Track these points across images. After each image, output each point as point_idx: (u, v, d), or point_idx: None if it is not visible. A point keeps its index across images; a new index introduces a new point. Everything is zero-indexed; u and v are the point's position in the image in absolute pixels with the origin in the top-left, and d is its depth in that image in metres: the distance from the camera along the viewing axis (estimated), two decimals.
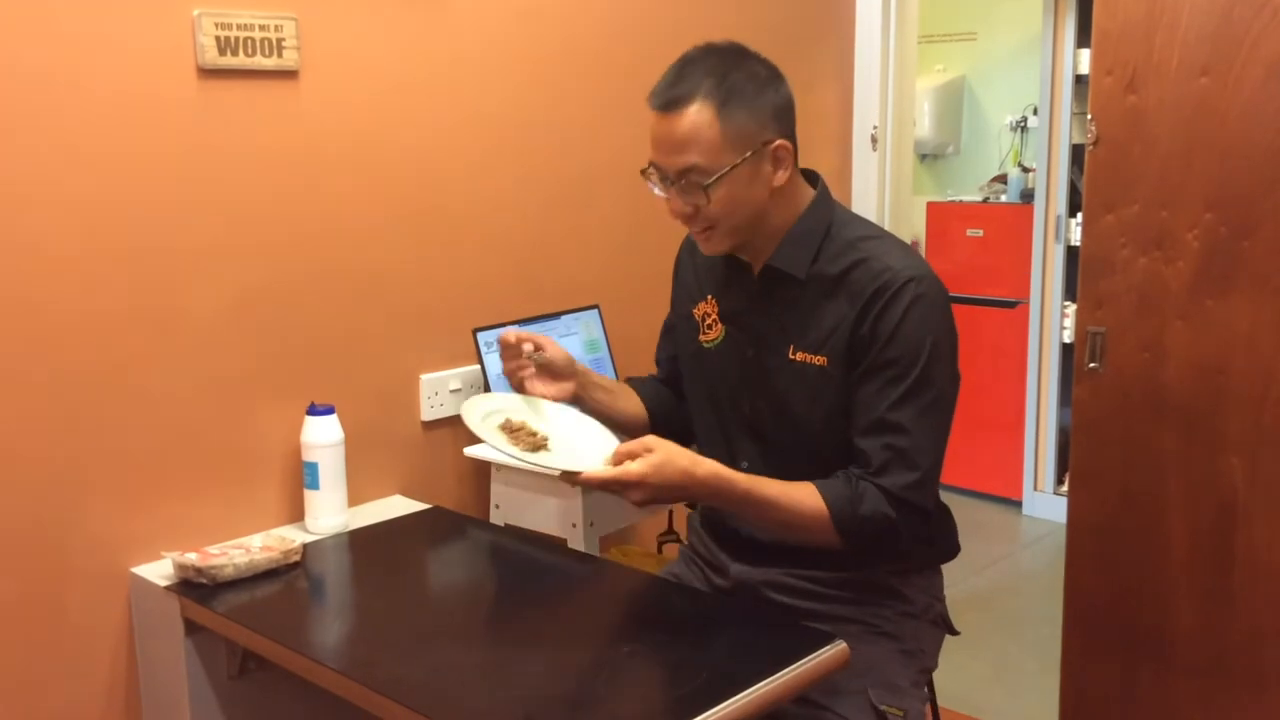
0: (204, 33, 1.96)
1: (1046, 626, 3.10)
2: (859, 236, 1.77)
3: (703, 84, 1.66)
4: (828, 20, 3.35)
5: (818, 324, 1.74)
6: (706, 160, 1.66)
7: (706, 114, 1.65)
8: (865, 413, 1.69)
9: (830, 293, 1.74)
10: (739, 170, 1.68)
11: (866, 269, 1.72)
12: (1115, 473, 2.44)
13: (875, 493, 1.66)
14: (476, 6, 2.40)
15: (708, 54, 1.71)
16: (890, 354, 1.68)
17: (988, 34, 5.18)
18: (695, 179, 1.68)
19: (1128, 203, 2.36)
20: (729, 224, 1.73)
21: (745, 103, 1.67)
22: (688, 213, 1.73)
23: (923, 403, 1.68)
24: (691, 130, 1.66)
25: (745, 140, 1.68)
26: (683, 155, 1.67)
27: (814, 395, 1.73)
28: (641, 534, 2.84)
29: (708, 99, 1.65)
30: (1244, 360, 2.24)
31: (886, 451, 1.67)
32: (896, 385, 1.68)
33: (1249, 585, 2.29)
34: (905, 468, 1.67)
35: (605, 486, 1.62)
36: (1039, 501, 4.58)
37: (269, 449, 2.15)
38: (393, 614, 1.80)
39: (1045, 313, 4.48)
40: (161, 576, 1.92)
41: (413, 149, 2.32)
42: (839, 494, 1.67)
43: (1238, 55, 2.19)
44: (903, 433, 1.67)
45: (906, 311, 1.68)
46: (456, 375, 2.44)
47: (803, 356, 1.76)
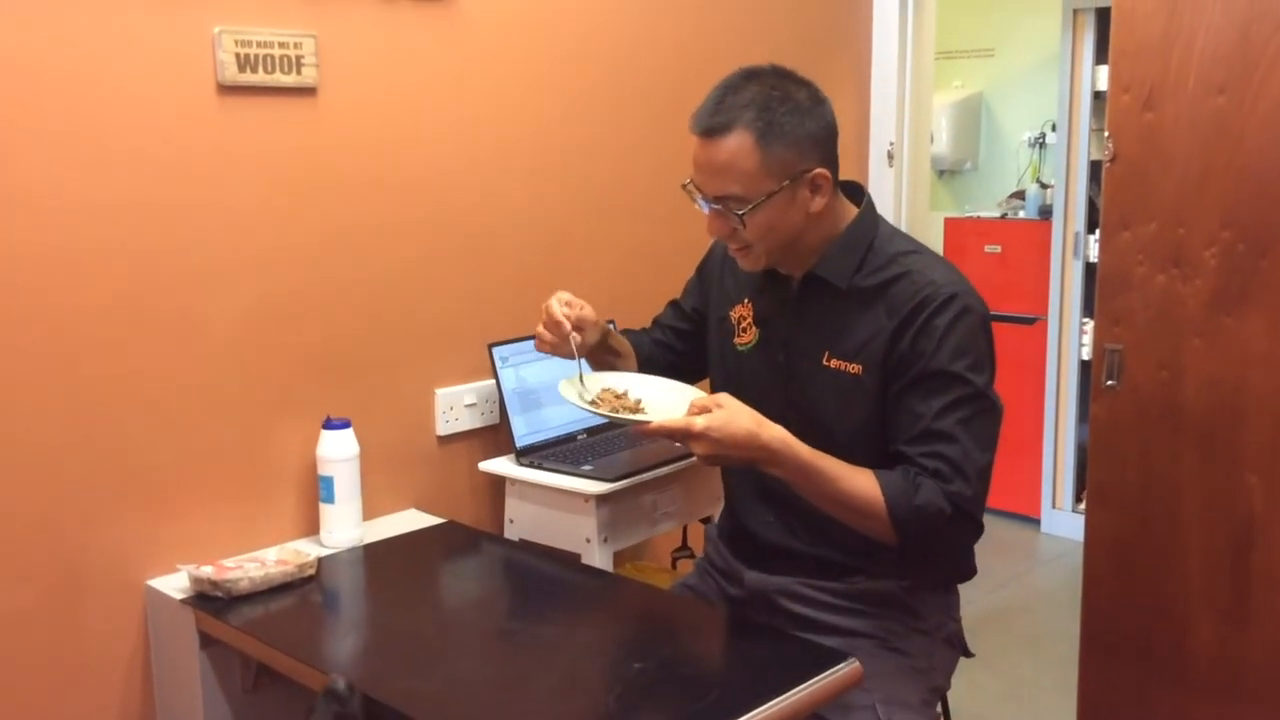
0: (224, 50, 1.98)
1: (1063, 645, 3.08)
2: (901, 251, 1.79)
3: (744, 114, 1.67)
4: (844, 36, 3.36)
5: (854, 333, 1.76)
6: (744, 188, 1.69)
7: (746, 143, 1.67)
8: (912, 424, 1.69)
9: (868, 303, 1.75)
10: (776, 198, 1.70)
11: (909, 282, 1.73)
12: (1133, 491, 2.43)
13: (932, 486, 1.65)
14: (494, 25, 2.41)
15: (749, 81, 1.72)
16: (936, 365, 1.68)
17: (1006, 50, 5.18)
18: (733, 205, 1.70)
19: (1145, 220, 2.35)
20: (764, 247, 1.76)
21: (785, 132, 1.68)
22: (726, 233, 1.76)
23: (970, 412, 1.68)
24: (731, 158, 1.68)
25: (784, 169, 1.69)
26: (721, 182, 1.70)
27: (846, 403, 1.73)
28: (656, 550, 2.84)
29: (748, 128, 1.67)
30: (1261, 378, 2.23)
31: (936, 460, 1.66)
32: (943, 395, 1.68)
33: (1267, 604, 2.27)
34: (958, 475, 1.66)
35: (671, 436, 1.65)
36: (1057, 519, 4.55)
37: (285, 462, 2.16)
38: (406, 628, 1.81)
39: (1064, 329, 4.46)
40: (177, 589, 1.93)
41: (429, 165, 2.33)
42: (896, 482, 1.66)
43: (1255, 74, 2.18)
44: (953, 442, 1.66)
45: (951, 325, 1.69)
46: (472, 390, 2.45)
47: (837, 364, 1.76)
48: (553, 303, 1.89)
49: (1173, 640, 2.40)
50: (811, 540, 1.84)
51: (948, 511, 1.64)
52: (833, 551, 1.82)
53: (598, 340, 1.95)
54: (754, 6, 3.02)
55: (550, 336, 1.90)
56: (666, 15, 2.78)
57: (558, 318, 1.88)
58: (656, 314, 2.16)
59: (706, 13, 2.87)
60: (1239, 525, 2.29)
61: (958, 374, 1.68)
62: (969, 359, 1.69)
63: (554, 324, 1.88)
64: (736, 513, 1.96)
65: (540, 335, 1.92)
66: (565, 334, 1.87)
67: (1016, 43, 5.12)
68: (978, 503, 1.68)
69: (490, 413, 2.49)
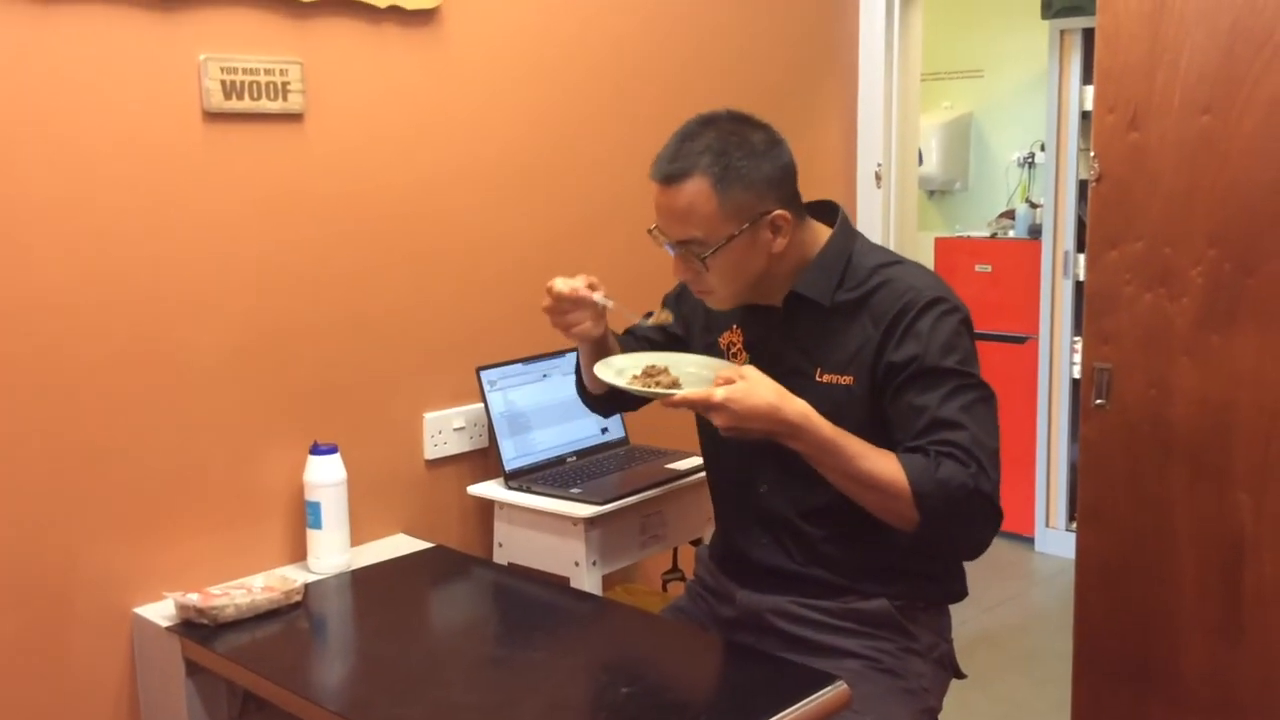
0: (209, 77, 1.98)
1: (1058, 665, 3.07)
2: (881, 263, 1.81)
3: (700, 159, 1.70)
4: (830, 60, 3.37)
5: (842, 345, 1.77)
6: (705, 233, 1.72)
7: (704, 188, 1.70)
8: (916, 418, 1.69)
9: (853, 315, 1.77)
10: (737, 241, 1.72)
11: (890, 290, 1.75)
12: (1124, 510, 2.43)
13: (953, 464, 1.64)
14: (480, 49, 2.42)
15: (705, 128, 1.74)
16: (928, 363, 1.69)
17: (994, 71, 5.21)
18: (695, 249, 1.73)
19: (1132, 239, 2.35)
20: (728, 289, 1.78)
21: (741, 176, 1.71)
22: (689, 277, 1.79)
23: (971, 399, 1.69)
24: (690, 204, 1.71)
25: (743, 212, 1.72)
26: (682, 227, 1.73)
27: (839, 415, 1.73)
28: (646, 572, 2.83)
29: (705, 174, 1.70)
30: (1250, 396, 2.23)
31: (949, 446, 1.65)
32: (941, 387, 1.68)
33: (1259, 623, 2.26)
34: (973, 459, 1.64)
35: (693, 406, 1.66)
36: (1051, 538, 4.54)
37: (272, 488, 2.15)
38: (394, 655, 1.80)
39: (1055, 348, 4.47)
40: (163, 617, 1.92)
41: (417, 190, 2.33)
42: (918, 461, 1.65)
43: (1239, 93, 2.19)
44: (961, 428, 1.66)
45: (935, 325, 1.71)
46: (460, 413, 2.44)
47: (829, 378, 1.78)
48: (557, 286, 1.86)
49: (1166, 659, 2.39)
50: (805, 560, 1.83)
51: (970, 485, 1.63)
52: (826, 572, 1.82)
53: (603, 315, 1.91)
54: (740, 30, 3.03)
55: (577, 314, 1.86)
56: (654, 38, 2.79)
57: (573, 294, 1.84)
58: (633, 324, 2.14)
59: (694, 36, 2.88)
60: (1230, 543, 2.28)
61: (951, 368, 1.69)
62: (959, 354, 1.71)
63: (573, 300, 1.85)
64: (729, 534, 1.96)
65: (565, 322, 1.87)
66: (589, 298, 1.85)
67: (1005, 64, 5.15)
68: (995, 487, 1.67)
69: (479, 436, 2.48)
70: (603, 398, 2.09)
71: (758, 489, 1.86)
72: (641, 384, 1.76)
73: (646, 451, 2.60)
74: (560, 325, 1.89)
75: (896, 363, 1.71)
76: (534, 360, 2.51)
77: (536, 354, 2.51)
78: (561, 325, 1.89)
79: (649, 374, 1.79)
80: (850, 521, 1.74)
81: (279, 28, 2.08)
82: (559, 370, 2.53)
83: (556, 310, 1.88)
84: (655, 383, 1.76)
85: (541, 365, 2.52)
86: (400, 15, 2.25)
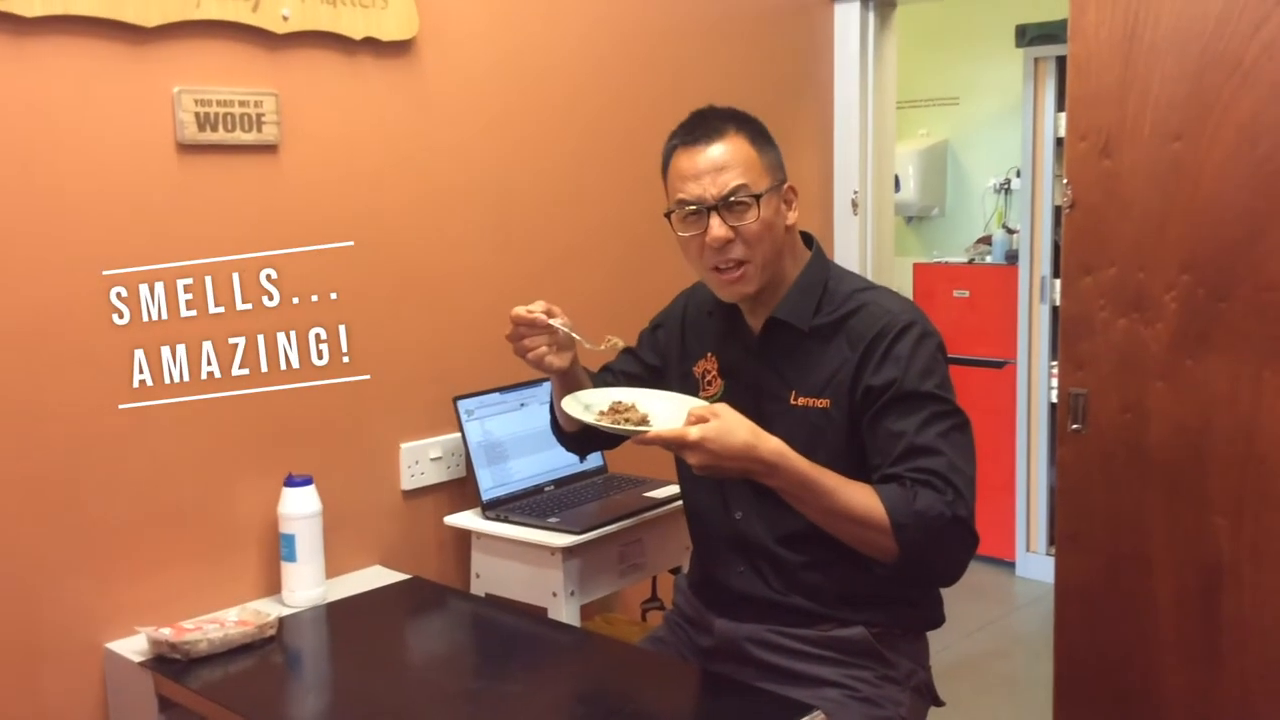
0: (184, 109, 1.98)
1: (1039, 690, 3.07)
2: (856, 289, 1.84)
3: (731, 123, 1.80)
4: (807, 88, 3.39)
5: (819, 369, 1.78)
6: (750, 180, 1.77)
7: (742, 141, 1.79)
8: (893, 444, 1.69)
9: (829, 339, 1.79)
10: (772, 195, 1.79)
11: (866, 314, 1.78)
12: (1101, 534, 2.43)
13: (930, 493, 1.65)
14: (456, 80, 2.42)
15: (722, 109, 1.85)
16: (906, 388, 1.70)
17: (969, 99, 5.24)
18: (742, 195, 1.76)
19: (1105, 265, 2.37)
20: (760, 256, 1.79)
21: (768, 139, 1.82)
22: (729, 238, 1.77)
23: (947, 426, 1.70)
24: (732, 154, 1.78)
25: (773, 171, 1.81)
26: (727, 176, 1.77)
27: (815, 439, 1.74)
28: (625, 602, 2.82)
29: (740, 131, 1.79)
30: (1225, 420, 2.24)
31: (925, 473, 1.66)
32: (918, 413, 1.70)
33: (1238, 647, 2.27)
34: (949, 486, 1.65)
35: (667, 445, 1.66)
36: (1032, 563, 4.55)
37: (245, 521, 2.13)
38: (370, 688, 1.78)
39: (1033, 373, 4.48)
40: (135, 652, 1.90)
41: (392, 220, 2.33)
42: (894, 492, 1.66)
43: (1209, 119, 2.21)
44: (938, 454, 1.67)
45: (914, 350, 1.73)
46: (437, 443, 2.43)
47: (805, 401, 1.79)
48: (517, 310, 1.88)
49: (1146, 683, 2.39)
50: (783, 588, 1.83)
51: (948, 515, 1.64)
52: (804, 599, 1.82)
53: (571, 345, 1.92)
54: (716, 59, 3.05)
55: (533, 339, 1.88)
56: (631, 68, 2.80)
57: (529, 317, 1.86)
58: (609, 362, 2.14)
59: (671, 64, 2.90)
60: (1207, 568, 2.29)
61: (929, 392, 1.70)
62: (936, 378, 1.72)
63: (529, 323, 1.87)
64: (706, 563, 1.95)
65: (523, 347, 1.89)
66: (544, 322, 1.87)
67: (980, 91, 5.19)
68: (971, 512, 1.68)
69: (456, 466, 2.47)
70: (577, 436, 2.08)
71: (734, 516, 1.86)
72: (610, 420, 1.76)
73: (624, 480, 2.59)
74: (520, 352, 1.90)
75: (875, 386, 1.72)
76: (511, 389, 2.50)
77: (514, 383, 2.50)
78: (520, 352, 1.90)
79: (616, 410, 1.79)
80: (827, 548, 1.74)
81: (254, 59, 2.08)
82: (536, 399, 2.53)
83: (515, 336, 1.89)
84: (624, 419, 1.76)
85: (519, 394, 2.52)
86: (376, 46, 2.25)
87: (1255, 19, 2.14)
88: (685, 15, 2.96)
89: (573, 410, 1.80)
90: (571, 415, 1.80)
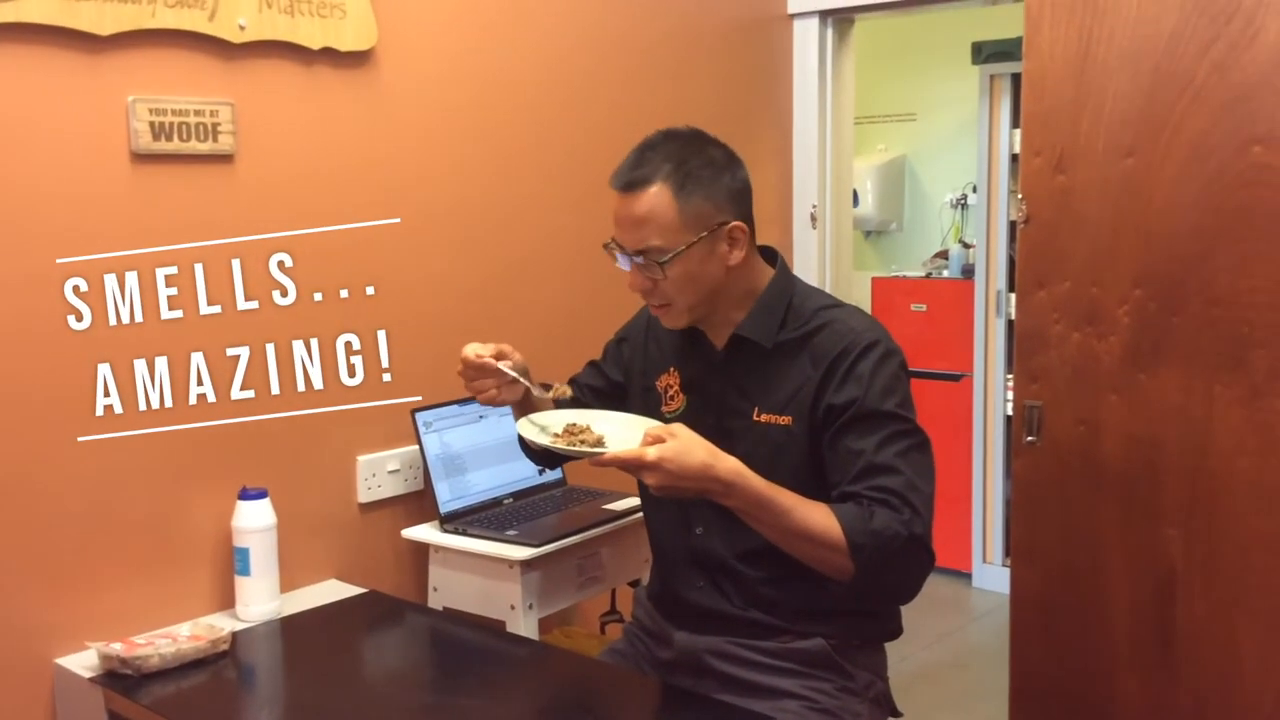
0: (138, 118, 1.96)
1: (995, 701, 3.08)
2: (821, 306, 1.84)
3: (662, 168, 1.74)
4: (766, 103, 3.42)
5: (781, 386, 1.78)
6: (663, 239, 1.73)
7: (664, 196, 1.73)
8: (852, 462, 1.70)
9: (793, 356, 1.79)
10: (694, 249, 1.74)
11: (831, 332, 1.77)
12: (1056, 546, 2.46)
13: (886, 512, 1.65)
14: (415, 91, 2.42)
15: (667, 140, 1.79)
16: (867, 407, 1.71)
17: (926, 115, 5.30)
18: (653, 256, 1.74)
19: (1059, 279, 2.40)
20: (685, 301, 1.78)
21: (701, 186, 1.74)
22: (647, 288, 1.78)
23: (906, 445, 1.70)
24: (649, 211, 1.73)
25: (701, 221, 1.74)
26: (641, 234, 1.74)
27: (777, 456, 1.74)
28: (584, 614, 2.81)
29: (666, 181, 1.73)
30: (1177, 432, 2.27)
31: (883, 492, 1.67)
32: (878, 432, 1.70)
33: (1190, 657, 2.29)
34: (906, 505, 1.66)
35: (624, 466, 1.63)
36: (988, 574, 4.58)
37: (198, 534, 2.11)
38: (325, 704, 1.77)
39: (989, 386, 4.53)
40: (86, 667, 1.88)
41: (348, 230, 2.31)
42: (850, 511, 1.66)
43: (1161, 137, 2.25)
44: (896, 474, 1.68)
45: (876, 368, 1.73)
46: (395, 456, 2.42)
47: (767, 418, 1.79)
48: (466, 352, 1.86)
49: (1101, 694, 2.41)
50: (742, 603, 1.83)
51: (904, 534, 1.64)
52: (763, 614, 1.82)
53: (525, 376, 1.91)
54: (679, 76, 3.07)
55: (482, 381, 1.86)
56: (592, 84, 2.81)
57: (478, 361, 1.84)
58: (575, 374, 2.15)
59: (632, 81, 2.91)
60: (1160, 579, 2.32)
61: (889, 411, 1.71)
62: (897, 398, 1.73)
63: (478, 368, 1.85)
64: (666, 576, 1.95)
65: (474, 388, 1.88)
66: (494, 368, 1.84)
67: (937, 107, 5.24)
68: (928, 531, 1.69)
69: (414, 479, 2.46)
70: (544, 451, 2.06)
71: (694, 531, 1.86)
72: (566, 442, 1.75)
73: (584, 492, 2.59)
74: (470, 391, 1.89)
75: (836, 405, 1.73)
76: (469, 401, 2.49)
77: None
78: (471, 391, 1.89)
79: (570, 432, 1.78)
80: (787, 563, 1.74)
81: (210, 69, 2.07)
82: (495, 411, 2.52)
83: (465, 375, 1.88)
84: (580, 440, 1.75)
85: (477, 406, 2.50)
86: (334, 56, 2.25)
87: (1206, 39, 2.17)
88: (645, 28, 2.97)
89: (528, 433, 1.79)
90: (527, 438, 1.79)
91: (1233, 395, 2.20)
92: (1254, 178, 2.14)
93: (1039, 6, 2.36)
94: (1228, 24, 2.15)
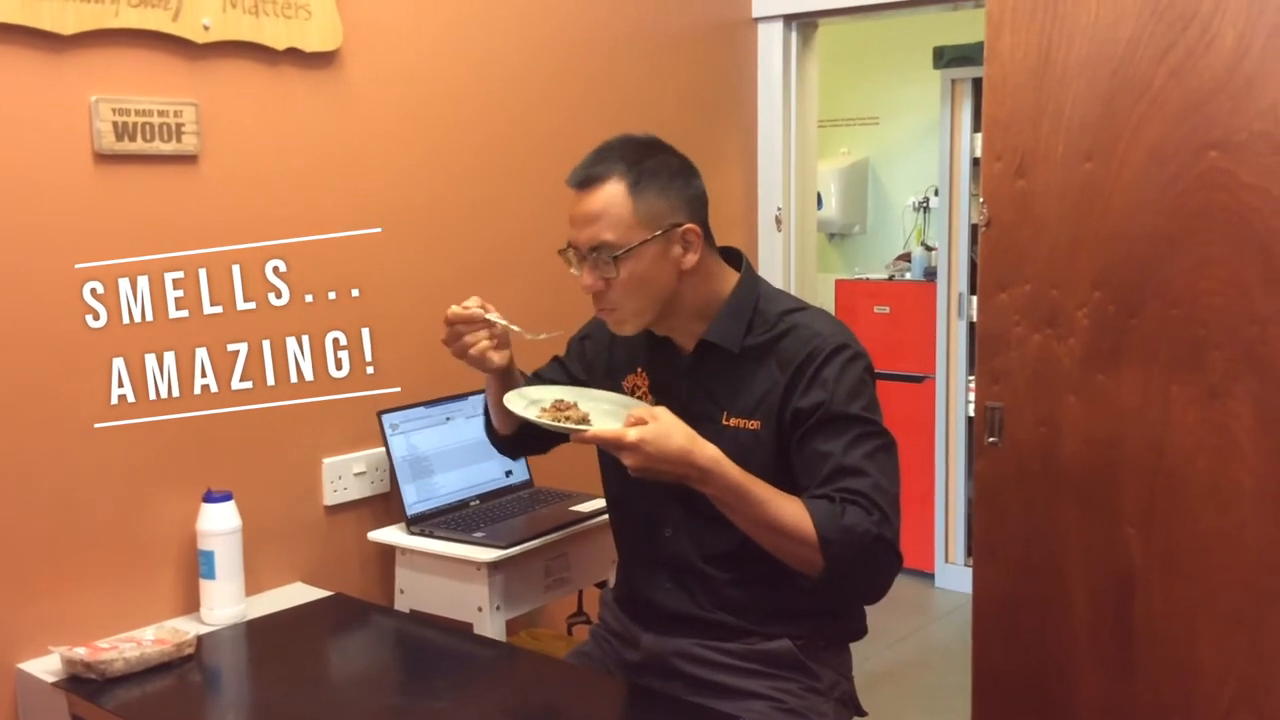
0: (101, 118, 1.95)
1: (959, 699, 3.11)
2: (787, 309, 1.84)
3: (617, 166, 1.75)
4: (730, 106, 3.43)
5: (749, 390, 1.79)
6: (616, 234, 1.74)
7: (618, 191, 1.74)
8: (820, 465, 1.71)
9: (760, 360, 1.79)
10: (647, 247, 1.74)
11: (796, 336, 1.78)
12: (1017, 546, 2.48)
13: (857, 510, 1.66)
14: (381, 92, 2.42)
15: (625, 142, 1.80)
16: (834, 410, 1.72)
17: (889, 118, 5.34)
18: (605, 252, 1.74)
19: (1020, 282, 2.43)
20: (632, 305, 1.78)
21: (657, 184, 1.76)
22: (599, 288, 1.78)
23: (873, 447, 1.72)
24: (604, 206, 1.74)
25: (655, 220, 1.75)
26: (594, 230, 1.75)
27: (745, 459, 1.74)
28: (551, 616, 2.81)
29: (620, 178, 1.75)
30: (1136, 433, 2.31)
31: (852, 494, 1.68)
32: (845, 434, 1.71)
33: (1149, 656, 2.33)
34: (875, 506, 1.67)
35: (605, 444, 1.65)
36: (951, 574, 4.63)
37: (163, 537, 2.10)
38: (290, 707, 1.76)
39: (951, 387, 4.57)
40: (49, 672, 1.86)
41: (314, 230, 2.31)
42: (822, 506, 1.67)
43: (1119, 142, 2.28)
44: (864, 475, 1.69)
45: (842, 372, 1.74)
46: (361, 458, 2.41)
47: (736, 422, 1.79)
48: (451, 310, 1.85)
49: (1062, 692, 2.44)
50: (709, 605, 1.84)
51: (874, 533, 1.66)
52: (729, 615, 1.83)
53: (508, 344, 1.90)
54: (645, 78, 3.07)
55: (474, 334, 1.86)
56: (557, 86, 2.82)
57: (466, 313, 1.84)
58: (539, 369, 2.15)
59: (597, 82, 2.92)
60: (1120, 578, 2.35)
61: (855, 414, 1.72)
62: (863, 400, 1.74)
63: (466, 320, 1.85)
64: (632, 578, 1.96)
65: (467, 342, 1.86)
66: (481, 316, 1.84)
67: (900, 111, 5.28)
68: (896, 533, 1.70)
69: (380, 481, 2.45)
70: (511, 438, 2.07)
71: (663, 533, 1.87)
72: (551, 417, 1.76)
73: (551, 494, 2.59)
74: (459, 352, 1.87)
75: (803, 409, 1.74)
76: (436, 403, 2.49)
77: (441, 396, 2.49)
78: (460, 351, 1.87)
79: (558, 408, 1.78)
80: (754, 566, 1.76)
81: (174, 69, 2.06)
82: (462, 413, 2.52)
83: (453, 336, 1.87)
84: (565, 417, 1.76)
85: (444, 408, 2.51)
86: (299, 57, 2.24)
87: (1163, 45, 2.21)
88: (611, 30, 2.98)
89: (515, 406, 1.78)
90: (514, 411, 1.78)
91: (1190, 396, 2.23)
92: (1210, 181, 2.18)
93: (1000, 12, 2.39)
94: (1185, 30, 2.18)
